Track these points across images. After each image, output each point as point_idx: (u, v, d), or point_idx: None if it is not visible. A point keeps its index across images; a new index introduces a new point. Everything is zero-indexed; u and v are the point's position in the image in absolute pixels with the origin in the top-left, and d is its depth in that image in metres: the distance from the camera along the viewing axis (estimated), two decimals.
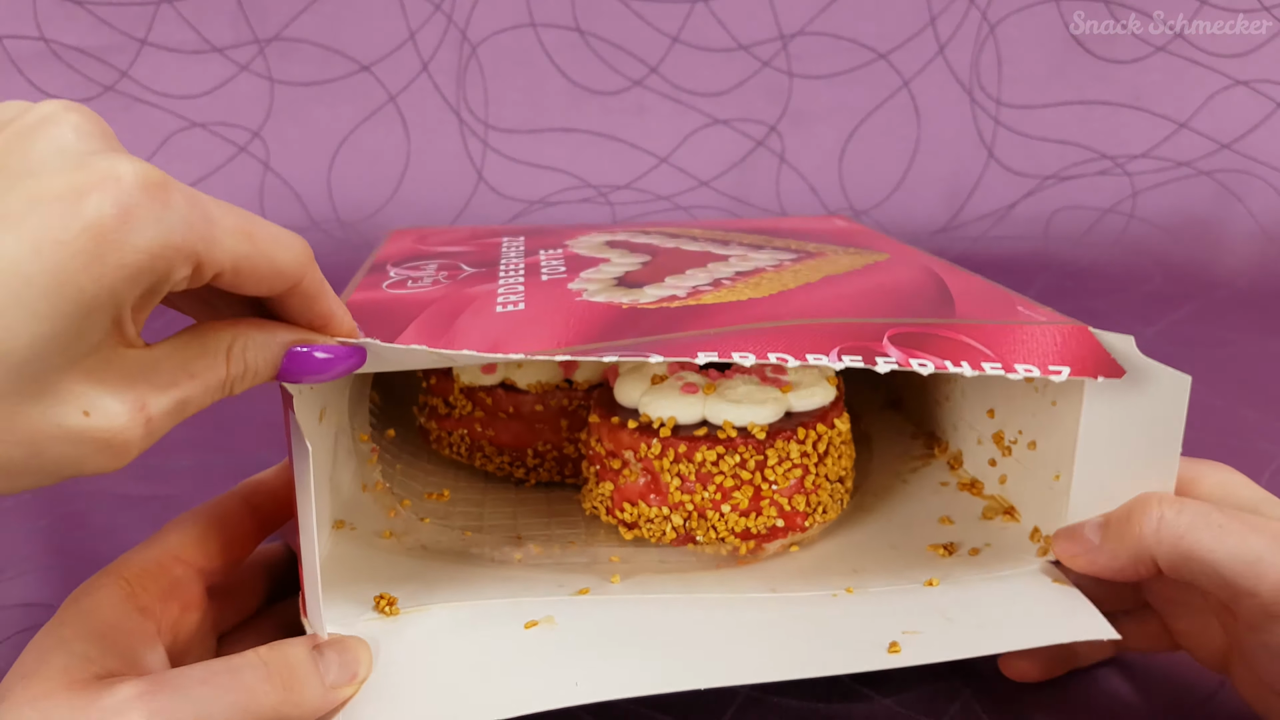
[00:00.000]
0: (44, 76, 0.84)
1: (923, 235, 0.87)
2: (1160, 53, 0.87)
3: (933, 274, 0.41)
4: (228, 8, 0.85)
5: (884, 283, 0.39)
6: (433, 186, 0.88)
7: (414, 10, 0.86)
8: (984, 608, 0.34)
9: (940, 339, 0.33)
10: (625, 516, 0.39)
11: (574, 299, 0.37)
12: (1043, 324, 0.35)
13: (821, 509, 0.39)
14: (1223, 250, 0.84)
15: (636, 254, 0.45)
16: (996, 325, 0.34)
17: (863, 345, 0.32)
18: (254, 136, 0.87)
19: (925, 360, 0.31)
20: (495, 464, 0.46)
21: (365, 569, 0.37)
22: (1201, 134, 0.88)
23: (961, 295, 0.38)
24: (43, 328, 0.21)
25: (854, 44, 0.88)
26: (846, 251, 0.46)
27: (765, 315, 0.34)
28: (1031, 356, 0.33)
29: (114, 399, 0.23)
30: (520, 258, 0.45)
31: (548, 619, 0.33)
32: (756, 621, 0.34)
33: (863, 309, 0.35)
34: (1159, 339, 0.71)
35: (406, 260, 0.47)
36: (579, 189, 0.89)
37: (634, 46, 0.88)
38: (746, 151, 0.90)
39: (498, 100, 0.89)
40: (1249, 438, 0.59)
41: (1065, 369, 0.32)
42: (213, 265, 0.24)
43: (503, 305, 0.37)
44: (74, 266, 0.21)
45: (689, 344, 0.31)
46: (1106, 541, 0.33)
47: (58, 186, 0.22)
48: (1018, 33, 0.87)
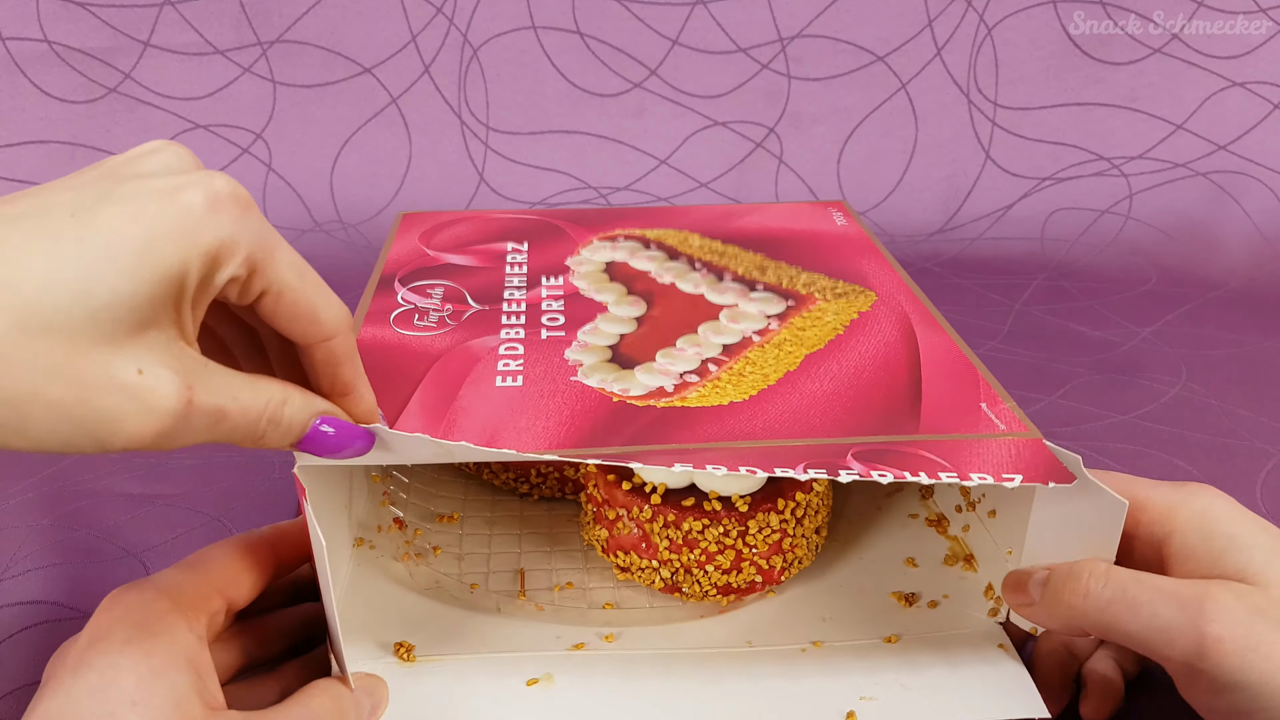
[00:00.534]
0: (47, 78, 0.85)
1: (920, 236, 0.88)
2: (1157, 54, 0.87)
3: (910, 344, 0.44)
4: (230, 10, 0.85)
5: (859, 379, 0.42)
6: (434, 188, 0.89)
7: (415, 13, 0.87)
8: (936, 677, 0.38)
9: (901, 454, 0.36)
10: (619, 561, 0.42)
11: (569, 377, 0.41)
12: (1001, 437, 0.37)
13: (797, 561, 0.43)
14: (1219, 251, 0.85)
15: (634, 297, 0.49)
16: (955, 441, 0.37)
17: (827, 461, 0.35)
18: (257, 138, 0.88)
19: (885, 471, 0.34)
20: (501, 479, 0.50)
21: (383, 608, 0.41)
22: (1198, 135, 0.88)
23: (931, 386, 0.41)
24: (124, 283, 0.25)
25: (852, 46, 0.88)
26: (835, 291, 0.49)
27: (743, 430, 0.37)
28: (986, 466, 0.35)
29: (166, 370, 0.26)
30: (522, 291, 0.49)
31: (547, 676, 0.38)
32: (735, 680, 0.38)
33: (833, 422, 0.38)
34: (1155, 339, 0.72)
35: (413, 273, 0.50)
36: (579, 190, 0.90)
37: (634, 49, 0.88)
38: (746, 153, 0.90)
39: (499, 102, 0.89)
40: (1245, 438, 0.59)
41: (1018, 477, 0.35)
42: (263, 280, 0.28)
43: (502, 378, 0.41)
44: (162, 237, 0.25)
45: (668, 456, 0.35)
46: (1044, 602, 0.35)
47: (160, 184, 0.26)
48: (1015, 35, 0.88)
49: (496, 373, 0.41)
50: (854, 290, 0.50)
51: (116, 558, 0.49)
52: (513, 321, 0.45)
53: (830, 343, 0.45)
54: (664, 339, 0.44)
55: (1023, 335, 0.72)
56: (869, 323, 0.46)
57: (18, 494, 0.54)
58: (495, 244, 0.53)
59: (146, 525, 0.51)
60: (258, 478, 0.55)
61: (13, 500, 0.53)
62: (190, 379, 0.26)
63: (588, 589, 0.44)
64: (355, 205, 0.88)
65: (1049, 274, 0.82)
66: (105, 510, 0.52)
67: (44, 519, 0.52)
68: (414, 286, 0.47)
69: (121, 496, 0.53)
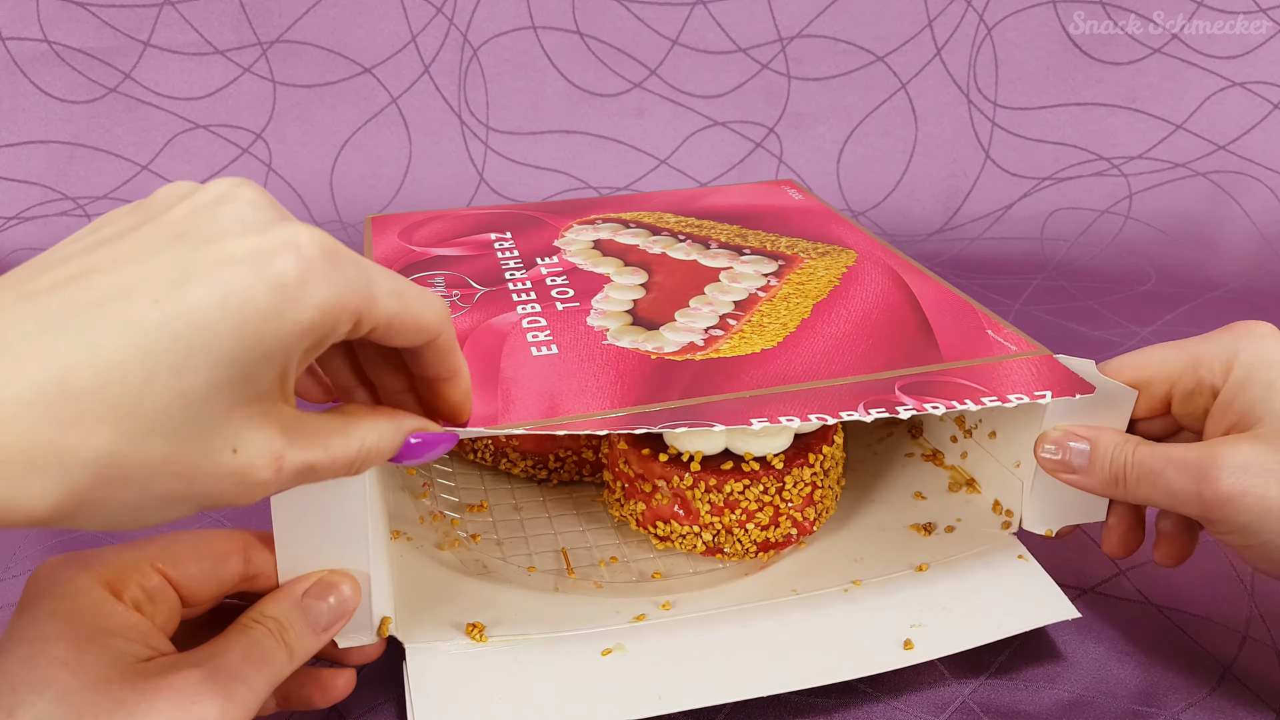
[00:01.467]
0: (47, 78, 0.85)
1: (920, 236, 0.88)
2: (1157, 54, 0.87)
3: (904, 289, 0.48)
4: (230, 10, 0.85)
5: (871, 320, 0.45)
6: (434, 188, 0.89)
7: (415, 13, 0.87)
8: (971, 596, 0.41)
9: (942, 384, 0.39)
10: (657, 531, 0.44)
11: (600, 341, 0.42)
12: (1016, 357, 0.41)
13: (826, 511, 0.45)
14: (1218, 251, 0.85)
15: (634, 267, 0.50)
16: (980, 366, 0.41)
17: (881, 399, 0.37)
18: (257, 138, 0.88)
19: (937, 404, 0.37)
20: (520, 468, 0.50)
21: (442, 593, 0.42)
22: (1198, 135, 0.88)
23: (937, 322, 0.44)
24: (219, 373, 0.23)
25: (852, 46, 0.88)
26: (817, 251, 0.52)
27: (787, 374, 0.40)
28: (1017, 386, 0.39)
29: (259, 443, 0.25)
30: (522, 270, 0.50)
31: (619, 646, 0.39)
32: (793, 626, 0.40)
33: (864, 359, 0.41)
34: (1154, 339, 0.72)
35: (408, 267, 0.50)
36: (579, 190, 0.90)
37: (634, 49, 0.88)
38: (745, 153, 0.90)
39: (498, 102, 0.89)
40: None
41: (1048, 393, 0.39)
42: (370, 322, 0.27)
43: (536, 348, 0.42)
44: (257, 319, 0.24)
45: (742, 410, 0.37)
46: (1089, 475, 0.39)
47: (244, 249, 0.24)
48: (1015, 35, 0.88)
49: (529, 344, 0.42)
50: (835, 249, 0.52)
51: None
52: (524, 298, 0.46)
53: (831, 293, 0.47)
54: (676, 301, 0.46)
55: None
56: (859, 274, 0.49)
57: None
58: (478, 235, 0.54)
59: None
60: None
61: None
62: (280, 446, 0.26)
63: (632, 561, 0.45)
64: (355, 205, 0.88)
65: (1049, 274, 0.82)
66: None
67: None
68: (415, 279, 0.48)
69: None
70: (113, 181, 0.87)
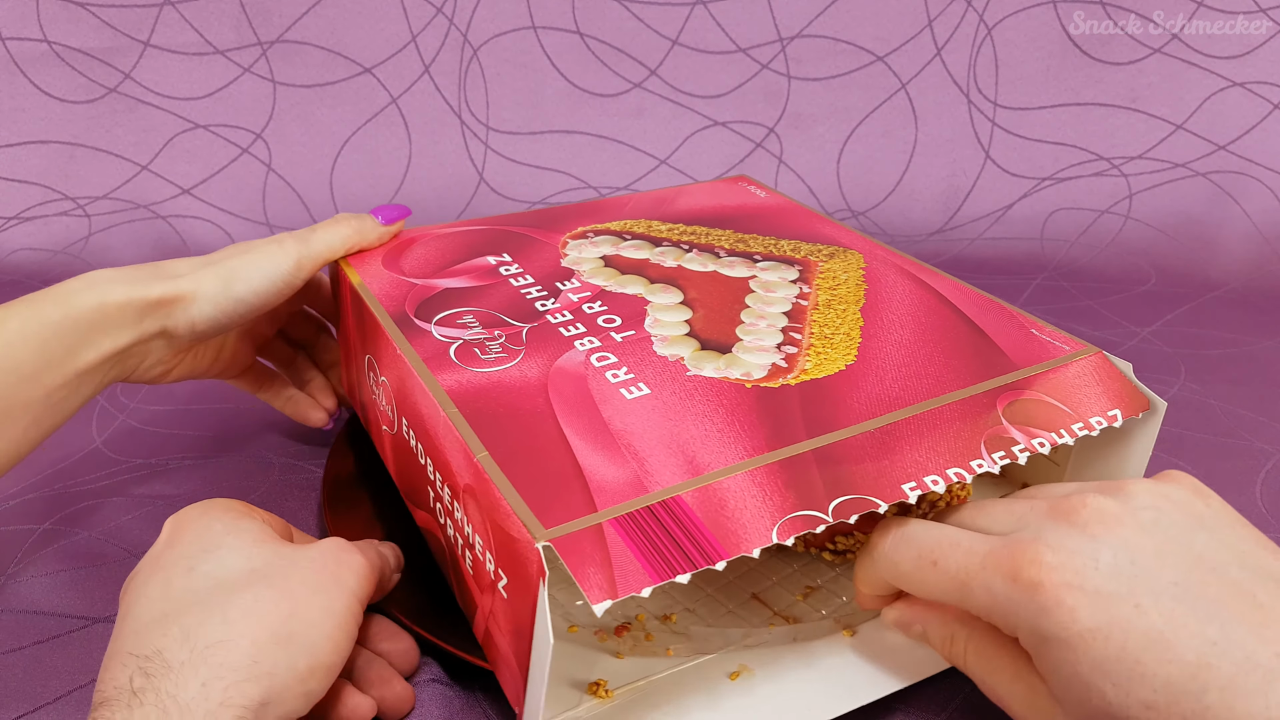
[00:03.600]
0: (47, 78, 0.85)
1: (920, 236, 0.88)
2: (1157, 54, 0.87)
3: (930, 290, 0.47)
4: (230, 10, 0.85)
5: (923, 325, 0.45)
6: (434, 188, 0.89)
7: (415, 13, 0.87)
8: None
9: (1033, 403, 0.39)
10: (835, 547, 0.44)
11: (684, 373, 0.41)
12: (1073, 359, 0.41)
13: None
14: (1219, 251, 0.85)
15: (662, 284, 0.48)
16: (1053, 372, 0.41)
17: (996, 432, 0.38)
18: (257, 138, 0.88)
19: (1043, 439, 0.38)
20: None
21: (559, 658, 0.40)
22: (1198, 135, 0.88)
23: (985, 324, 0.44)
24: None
25: (852, 46, 0.88)
26: (824, 253, 0.52)
27: (888, 395, 0.39)
28: (1093, 404, 0.40)
29: None
30: (551, 300, 0.47)
31: (744, 668, 0.38)
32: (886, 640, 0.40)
33: (949, 370, 0.41)
34: (1155, 339, 0.72)
35: (423, 305, 0.46)
36: (579, 190, 0.90)
37: (634, 49, 0.88)
38: (745, 153, 0.90)
39: (498, 102, 0.89)
40: (1244, 438, 0.59)
41: (1118, 412, 0.40)
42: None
43: (625, 389, 0.40)
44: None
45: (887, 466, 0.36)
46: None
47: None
48: (1015, 35, 0.88)
49: (613, 385, 0.40)
50: (839, 250, 0.52)
51: (119, 559, 0.49)
52: (574, 331, 0.44)
53: (867, 296, 0.47)
54: (728, 317, 0.45)
55: None
56: (880, 277, 0.49)
57: (18, 495, 0.54)
58: (474, 260, 0.51)
59: (147, 526, 0.51)
60: (258, 479, 0.55)
61: (13, 501, 0.53)
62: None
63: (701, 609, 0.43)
64: (355, 205, 0.88)
65: (1049, 274, 0.82)
66: (106, 511, 0.52)
67: (45, 521, 0.52)
68: (441, 320, 0.45)
69: (122, 497, 0.53)
70: (113, 181, 0.87)
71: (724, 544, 0.32)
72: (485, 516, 0.34)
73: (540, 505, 0.32)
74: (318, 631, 0.34)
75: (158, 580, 0.35)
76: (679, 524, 0.32)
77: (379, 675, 0.39)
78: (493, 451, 0.35)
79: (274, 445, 0.58)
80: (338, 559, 0.37)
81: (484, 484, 0.34)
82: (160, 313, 0.44)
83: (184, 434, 0.60)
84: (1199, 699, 0.27)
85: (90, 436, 0.59)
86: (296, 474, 0.56)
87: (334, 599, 0.35)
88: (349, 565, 0.37)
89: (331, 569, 0.36)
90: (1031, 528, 0.32)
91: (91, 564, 0.48)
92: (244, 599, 0.33)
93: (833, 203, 0.90)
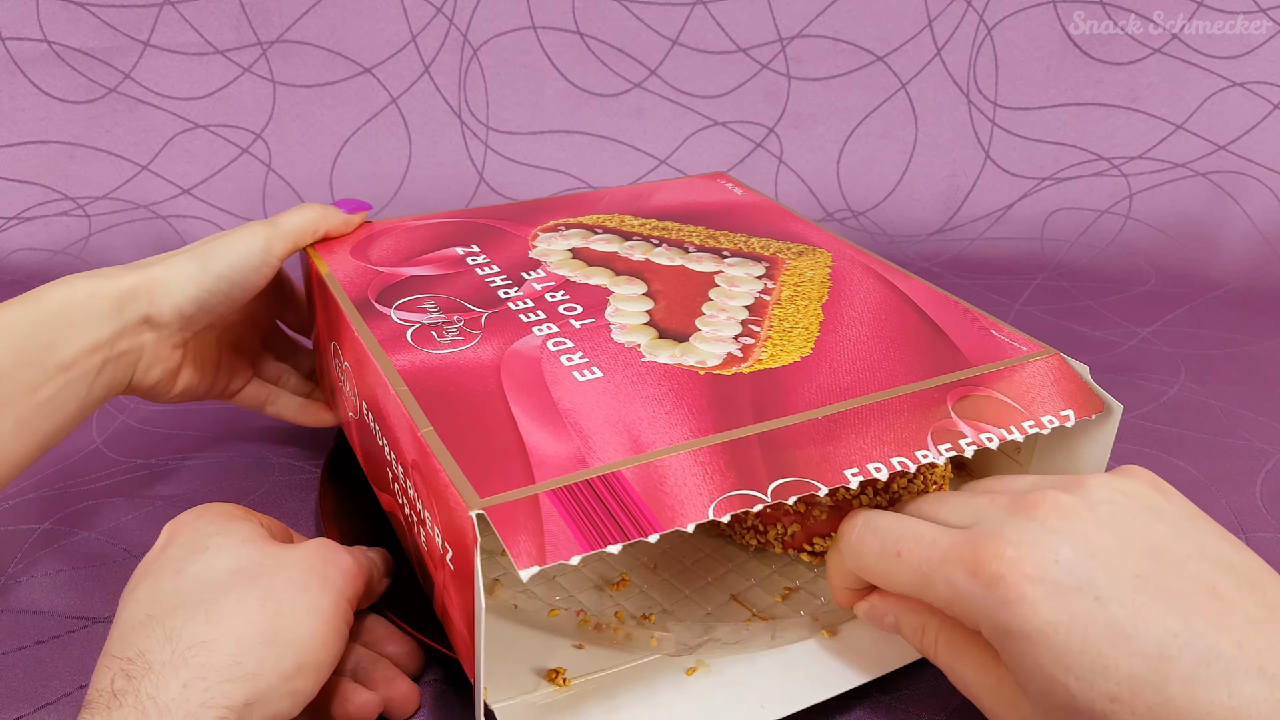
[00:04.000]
0: (47, 78, 0.85)
1: (920, 236, 0.88)
2: (1157, 54, 0.87)
3: (892, 289, 0.48)
4: (230, 10, 0.85)
5: (882, 321, 0.45)
6: (434, 188, 0.89)
7: (415, 13, 0.87)
8: None
9: (984, 399, 0.39)
10: (814, 549, 0.43)
11: (639, 359, 0.41)
12: (1030, 359, 0.42)
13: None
14: (1218, 251, 0.85)
15: (626, 276, 0.49)
16: (1008, 370, 0.41)
17: (943, 425, 0.38)
18: (256, 138, 0.88)
19: (991, 434, 0.38)
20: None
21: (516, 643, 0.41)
22: (1198, 135, 0.88)
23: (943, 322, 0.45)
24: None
25: (852, 46, 0.88)
26: (792, 251, 0.52)
27: (840, 386, 0.39)
28: (1044, 400, 0.40)
29: None
30: (514, 288, 0.47)
31: (701, 664, 0.39)
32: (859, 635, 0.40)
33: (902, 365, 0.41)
34: (1154, 339, 0.72)
35: (386, 291, 0.47)
36: (579, 190, 0.90)
37: (634, 49, 0.88)
38: (745, 153, 0.90)
39: (498, 102, 0.89)
40: (1244, 437, 0.59)
41: (1071, 412, 0.40)
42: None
43: (577, 371, 0.40)
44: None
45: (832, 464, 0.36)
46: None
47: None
48: (1015, 35, 0.88)
49: (566, 368, 0.40)
50: (809, 249, 0.52)
51: (119, 560, 0.49)
52: (533, 318, 0.44)
53: (830, 293, 0.47)
54: (689, 309, 0.45)
55: None
56: (845, 275, 0.49)
57: (18, 495, 0.54)
58: (442, 250, 0.51)
59: (148, 526, 0.51)
60: (258, 479, 0.55)
61: (14, 501, 0.53)
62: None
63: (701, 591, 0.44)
64: None
65: (1049, 274, 0.82)
66: (107, 511, 0.52)
67: (45, 521, 0.52)
68: (401, 304, 0.45)
69: (122, 497, 0.53)
70: (113, 181, 0.87)
71: (659, 518, 0.32)
72: (430, 491, 0.35)
73: (478, 477, 0.33)
74: (304, 630, 0.34)
75: (147, 583, 0.35)
76: (616, 498, 0.33)
77: (384, 675, 0.39)
78: (437, 427, 0.36)
79: (274, 445, 0.58)
80: (324, 558, 0.37)
81: (427, 458, 0.35)
82: (139, 300, 0.44)
83: (184, 434, 0.60)
84: (1161, 690, 0.28)
85: (90, 437, 0.59)
86: (296, 474, 0.56)
87: (320, 597, 0.35)
88: (336, 564, 0.37)
89: (318, 568, 0.36)
90: (992, 521, 0.32)
91: (91, 564, 0.48)
92: (228, 599, 0.34)
93: (833, 203, 0.90)
